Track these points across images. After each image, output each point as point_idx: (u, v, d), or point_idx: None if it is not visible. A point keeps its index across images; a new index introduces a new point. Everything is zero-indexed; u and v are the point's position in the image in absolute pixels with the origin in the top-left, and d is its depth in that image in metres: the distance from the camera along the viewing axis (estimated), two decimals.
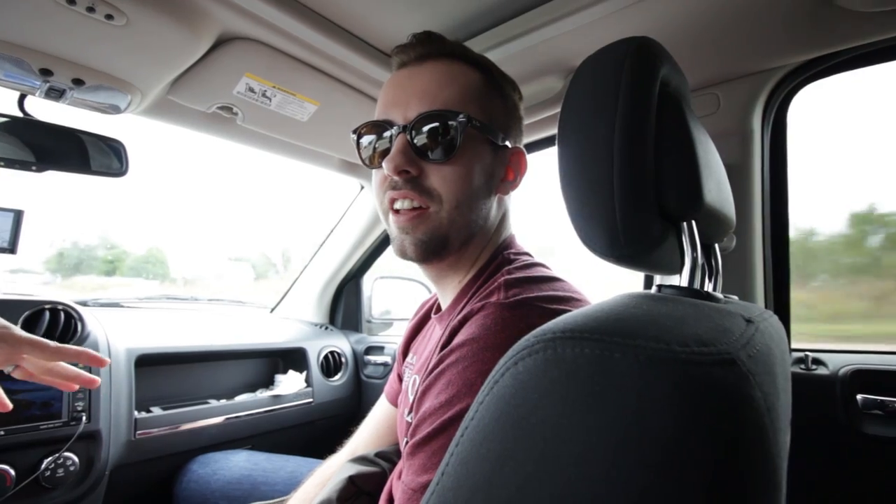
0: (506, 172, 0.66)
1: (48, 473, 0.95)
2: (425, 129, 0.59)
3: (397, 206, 0.62)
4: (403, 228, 0.61)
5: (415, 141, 0.59)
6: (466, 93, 0.61)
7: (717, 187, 0.44)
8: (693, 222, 0.42)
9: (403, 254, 0.62)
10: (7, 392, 0.98)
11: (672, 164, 0.41)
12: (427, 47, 0.63)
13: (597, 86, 0.44)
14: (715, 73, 0.90)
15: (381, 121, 0.63)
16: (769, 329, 0.35)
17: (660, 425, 0.25)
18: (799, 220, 0.95)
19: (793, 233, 0.93)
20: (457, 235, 0.61)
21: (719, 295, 0.40)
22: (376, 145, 0.64)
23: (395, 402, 0.83)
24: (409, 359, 0.79)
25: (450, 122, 0.58)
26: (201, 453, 1.24)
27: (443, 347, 0.55)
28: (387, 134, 0.62)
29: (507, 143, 0.66)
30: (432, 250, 0.61)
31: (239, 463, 1.14)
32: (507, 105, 0.67)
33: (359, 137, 0.66)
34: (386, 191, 0.62)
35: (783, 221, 0.92)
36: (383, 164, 0.60)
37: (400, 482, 0.51)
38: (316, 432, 1.55)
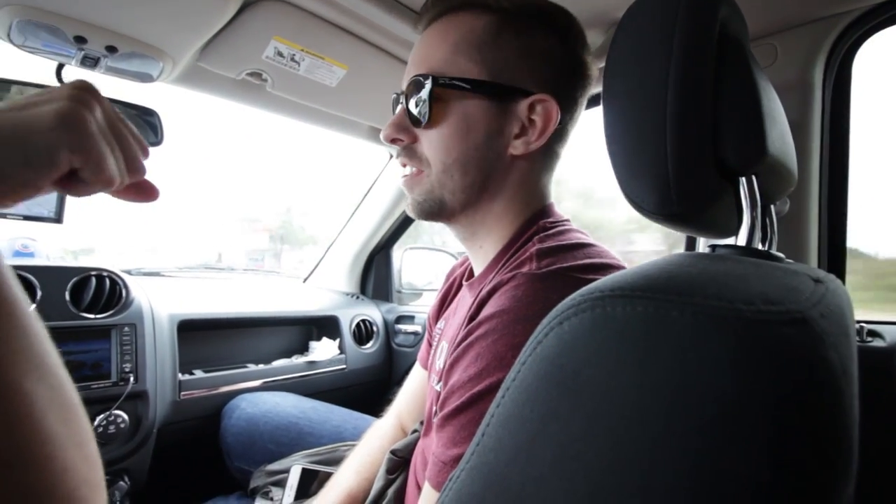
0: (522, 128, 0.59)
1: (101, 430, 1.01)
2: (412, 96, 0.59)
3: (404, 171, 0.65)
4: (406, 189, 0.64)
5: (407, 107, 0.60)
6: (458, 47, 0.58)
7: (781, 138, 0.40)
8: (753, 177, 0.38)
9: (410, 215, 0.65)
10: (60, 355, 1.04)
11: (732, 112, 0.37)
12: (436, 8, 0.61)
13: (649, 30, 0.40)
14: (772, 20, 0.82)
15: (399, 91, 0.64)
16: (839, 290, 0.32)
17: (721, 387, 0.23)
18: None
19: None
20: (452, 198, 0.60)
21: (781, 255, 0.37)
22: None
23: (426, 368, 0.84)
24: (438, 325, 0.78)
25: (422, 85, 0.58)
26: None
27: (471, 319, 0.53)
28: (397, 104, 0.64)
29: (528, 91, 0.58)
30: (429, 211, 0.62)
31: (287, 408, 1.16)
32: (528, 47, 0.58)
33: (393, 106, 0.68)
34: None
35: (843, 183, 0.86)
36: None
37: (431, 453, 0.51)
38: (349, 397, 1.59)
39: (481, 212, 0.62)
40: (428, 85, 0.57)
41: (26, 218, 1.04)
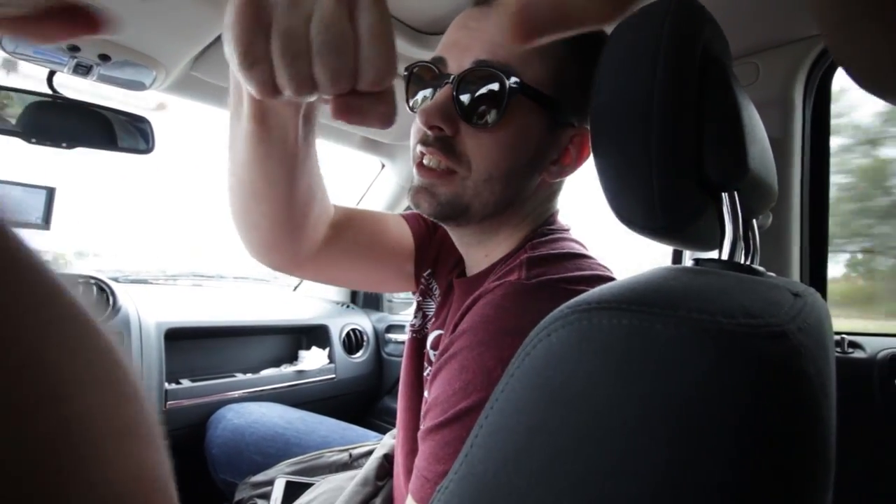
0: (560, 155, 0.57)
1: None
2: (475, 83, 0.51)
3: (426, 161, 0.55)
4: (425, 184, 0.56)
5: (460, 95, 0.51)
6: (539, 49, 0.51)
7: (762, 155, 0.42)
8: (735, 193, 0.40)
9: (417, 206, 0.56)
10: None
11: (715, 129, 0.39)
12: None
13: (634, 48, 0.42)
14: (754, 40, 0.85)
15: (433, 62, 0.54)
16: (817, 303, 0.33)
17: (701, 398, 0.23)
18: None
19: None
20: (480, 210, 0.55)
21: (762, 269, 0.38)
22: (422, 89, 0.56)
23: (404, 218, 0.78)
24: (428, 309, 0.72)
25: (502, 82, 0.50)
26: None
27: (454, 327, 0.51)
28: (434, 80, 0.54)
29: (573, 122, 0.56)
30: (448, 214, 0.56)
31: (273, 419, 1.14)
32: (586, 77, 0.53)
33: (409, 76, 0.57)
34: (417, 143, 0.55)
35: (823, 198, 0.88)
36: (417, 114, 0.54)
37: (415, 466, 0.49)
38: (339, 407, 1.58)
39: (495, 226, 0.59)
40: (511, 85, 0.50)
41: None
